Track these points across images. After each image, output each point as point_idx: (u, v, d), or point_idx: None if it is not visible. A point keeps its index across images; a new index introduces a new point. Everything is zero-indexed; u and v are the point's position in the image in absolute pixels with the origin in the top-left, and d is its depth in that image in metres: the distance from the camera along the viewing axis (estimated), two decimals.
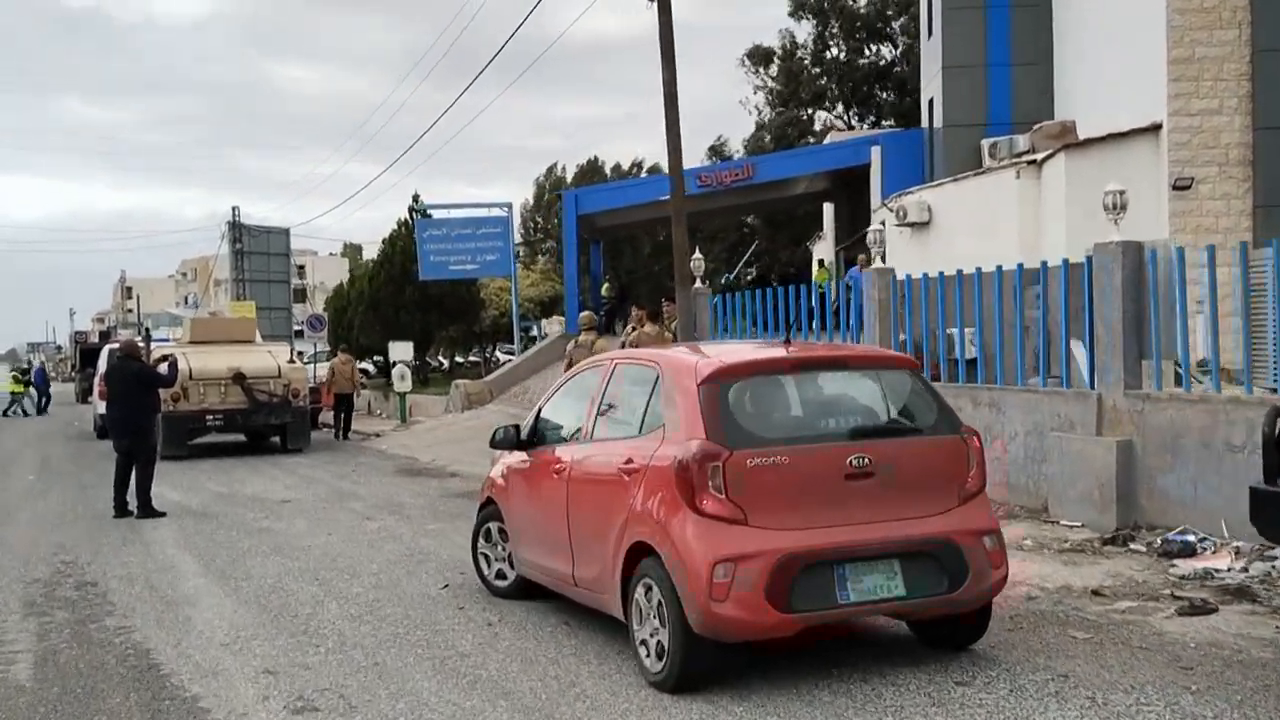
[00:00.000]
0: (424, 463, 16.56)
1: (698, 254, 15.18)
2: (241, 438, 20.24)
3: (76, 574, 8.64)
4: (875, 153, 26.72)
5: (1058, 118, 23.47)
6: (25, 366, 44.76)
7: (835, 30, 51.23)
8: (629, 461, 5.43)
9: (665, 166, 16.24)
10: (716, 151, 52.40)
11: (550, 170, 63.78)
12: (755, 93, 53.53)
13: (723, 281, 40.44)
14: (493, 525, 7.41)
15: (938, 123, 25.17)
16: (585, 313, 14.72)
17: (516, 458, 7.13)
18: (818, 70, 51.25)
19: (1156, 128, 18.92)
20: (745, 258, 42.01)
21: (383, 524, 10.80)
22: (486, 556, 7.48)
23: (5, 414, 33.73)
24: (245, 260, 46.91)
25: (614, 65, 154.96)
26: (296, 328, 45.86)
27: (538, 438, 6.89)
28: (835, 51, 51.97)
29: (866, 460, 5.01)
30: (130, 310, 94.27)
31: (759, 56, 52.80)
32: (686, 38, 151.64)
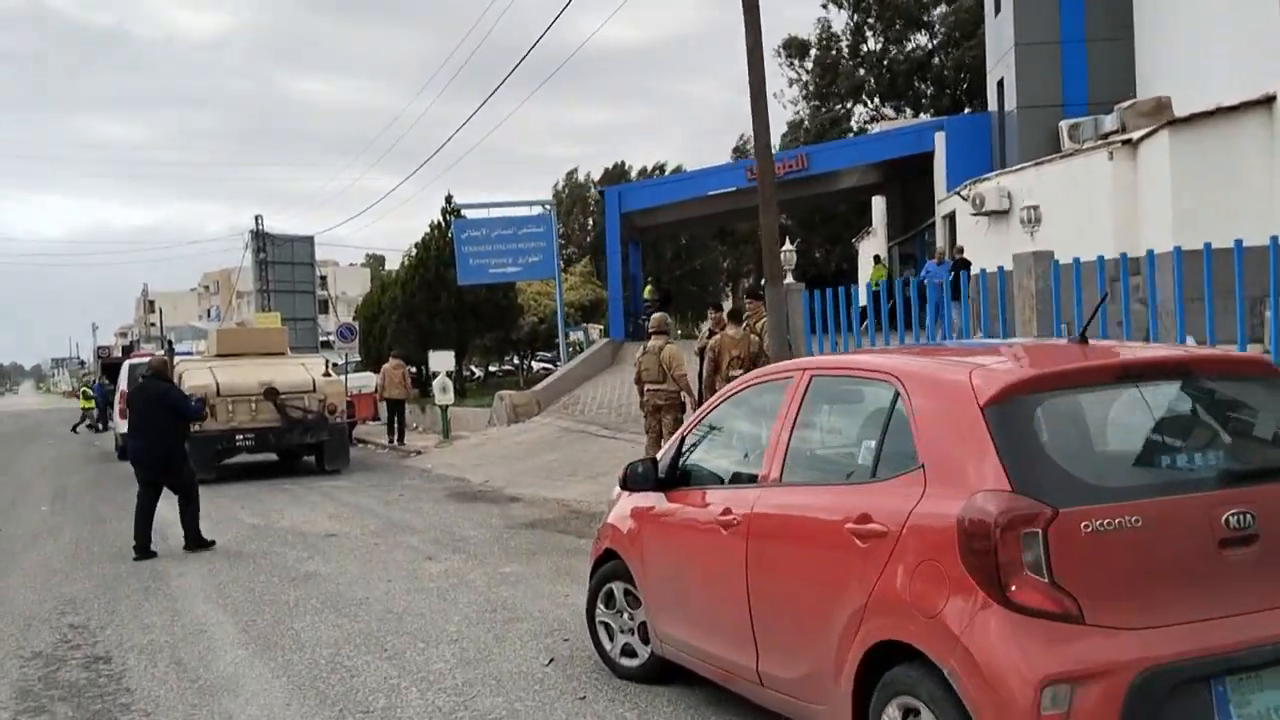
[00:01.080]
0: (477, 485, 14.95)
1: (788, 244, 13.51)
2: (273, 457, 18.72)
3: (86, 644, 7.04)
4: (939, 139, 25.01)
5: (1141, 95, 21.73)
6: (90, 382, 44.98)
7: (872, 20, 49.56)
8: (864, 520, 3.74)
9: (687, 167, 14.82)
10: (743, 152, 50.69)
11: (570, 175, 62.11)
12: (790, 85, 51.85)
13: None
14: (616, 587, 5.74)
15: (1009, 105, 23.44)
16: (657, 314, 13.08)
17: (649, 499, 5.47)
18: (855, 62, 49.56)
19: (1270, 100, 17.16)
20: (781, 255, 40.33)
21: (448, 565, 9.17)
22: (607, 626, 5.82)
23: (74, 430, 34.95)
24: (269, 270, 45.67)
25: (627, 72, 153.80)
26: (322, 339, 44.44)
27: (685, 476, 5.23)
28: (872, 44, 50.31)
29: (1248, 517, 3.32)
30: (153, 324, 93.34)
31: (795, 48, 51.04)
32: (707, 35, 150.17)
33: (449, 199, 27.88)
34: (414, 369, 33.34)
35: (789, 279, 12.72)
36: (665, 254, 41.99)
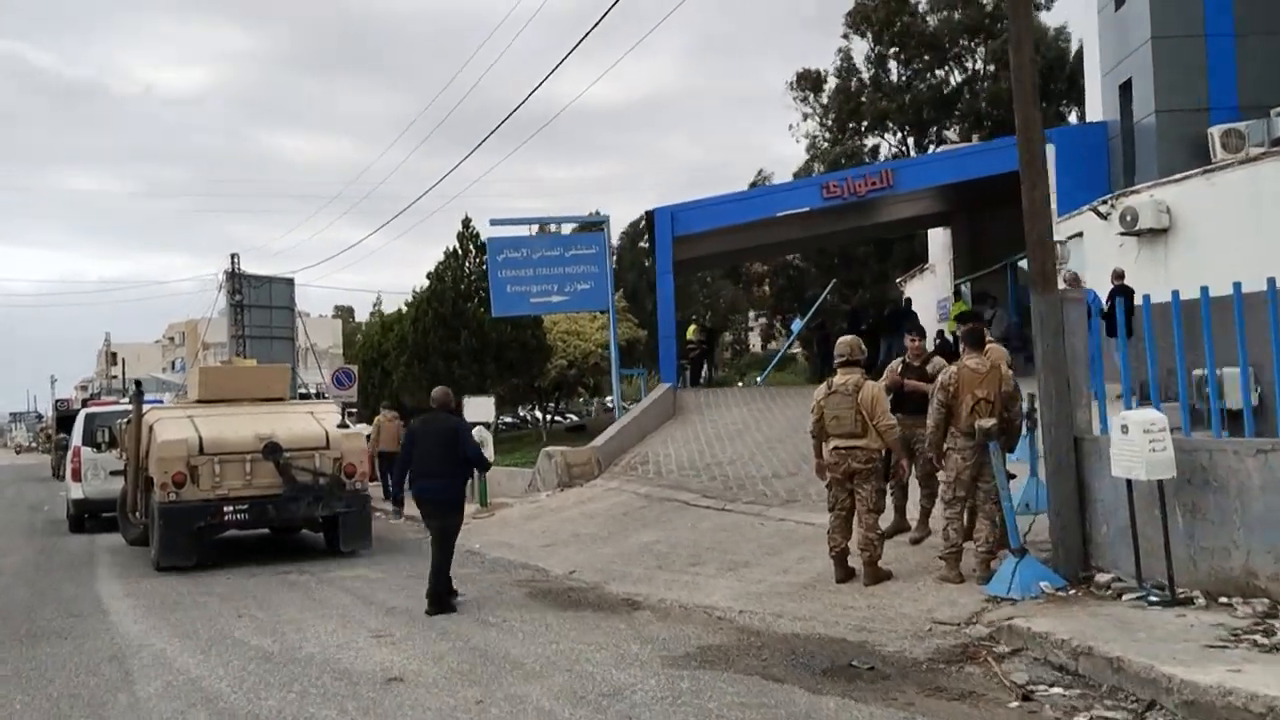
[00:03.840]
0: (559, 576, 10.91)
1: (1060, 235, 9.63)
2: (263, 531, 14.64)
3: None
4: (1046, 153, 21.38)
5: None
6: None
7: (895, 50, 46.67)
8: None
9: None
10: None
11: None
12: (805, 120, 48.83)
13: (792, 330, 34.95)
14: None
15: (1139, 111, 19.93)
16: (847, 338, 9.21)
17: None
18: (878, 94, 46.58)
19: None
20: (822, 296, 36.60)
21: None
22: None
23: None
24: (245, 314, 41.78)
25: (597, 127, 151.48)
26: (301, 390, 40.27)
27: None
28: (895, 76, 47.43)
29: None
30: (115, 376, 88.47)
31: (809, 81, 48.17)
32: (680, 93, 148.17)
33: (466, 222, 23.96)
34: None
35: (1063, 282, 8.79)
36: (694, 292, 38.18)
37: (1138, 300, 9.91)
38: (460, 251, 23.63)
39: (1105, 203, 18.43)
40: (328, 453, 13.31)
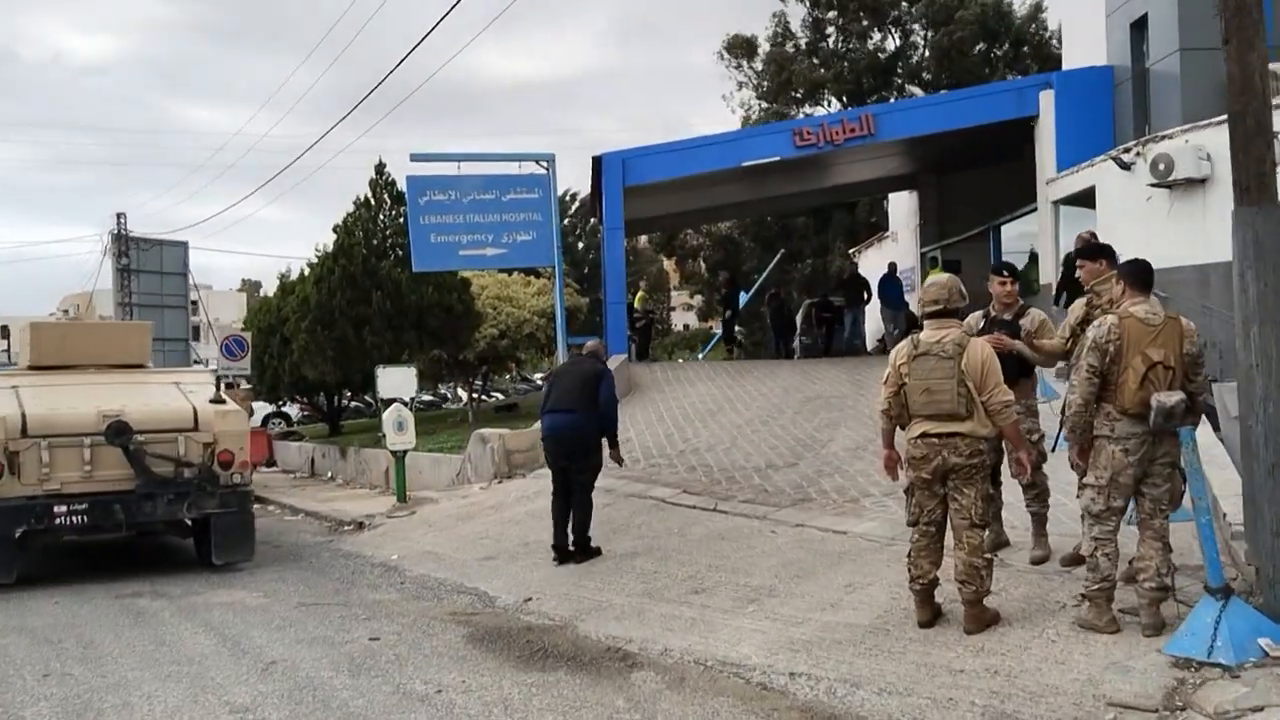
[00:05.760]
0: (510, 607, 8.00)
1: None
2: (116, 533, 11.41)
3: None
4: (1044, 101, 18.99)
5: None
6: None
7: (834, 15, 44.20)
8: None
9: None
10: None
11: None
12: (739, 89, 46.23)
13: (745, 292, 32.06)
14: None
15: (1160, 50, 17.52)
16: (941, 277, 6.44)
17: None
18: (816, 61, 44.11)
19: None
20: (771, 266, 33.99)
21: None
22: None
23: None
24: (133, 280, 38.11)
25: (519, 104, 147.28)
26: (197, 364, 36.64)
27: None
28: (833, 43, 45.02)
29: None
30: (4, 349, 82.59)
31: (741, 47, 45.55)
32: (605, 72, 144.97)
33: (380, 168, 20.63)
34: (325, 397, 25.94)
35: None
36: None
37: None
38: (373, 201, 20.32)
39: (1129, 150, 15.99)
40: (196, 435, 10.18)
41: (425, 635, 7.21)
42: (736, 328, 28.82)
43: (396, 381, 13.49)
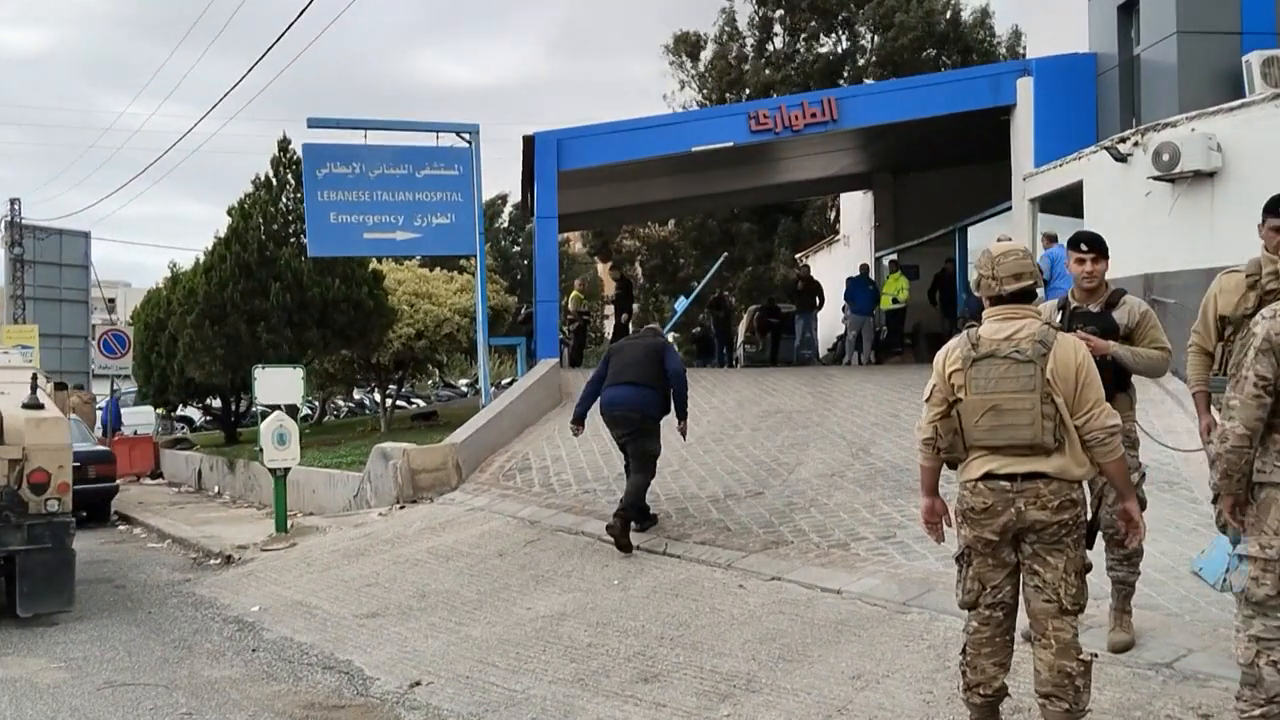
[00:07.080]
0: (389, 697, 5.86)
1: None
2: None
3: None
4: (1023, 88, 17.30)
5: None
6: None
7: (781, 14, 42.69)
8: None
9: None
10: None
11: None
12: (682, 88, 44.49)
13: (675, 309, 30.13)
14: None
15: (1153, 35, 15.93)
16: (1014, 247, 4.40)
17: None
18: (762, 62, 42.57)
19: None
20: (712, 270, 31.97)
21: None
22: None
23: None
24: (28, 271, 35.66)
25: (465, 111, 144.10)
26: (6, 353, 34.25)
27: None
28: (781, 43, 43.50)
29: None
30: None
31: (687, 45, 43.81)
32: (545, 82, 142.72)
33: (284, 144, 18.21)
34: (221, 402, 23.37)
35: None
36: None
37: None
38: (275, 181, 17.95)
39: (1125, 140, 14.30)
40: (1, 450, 7.88)
41: None
42: (673, 335, 26.95)
43: (278, 384, 11.20)
